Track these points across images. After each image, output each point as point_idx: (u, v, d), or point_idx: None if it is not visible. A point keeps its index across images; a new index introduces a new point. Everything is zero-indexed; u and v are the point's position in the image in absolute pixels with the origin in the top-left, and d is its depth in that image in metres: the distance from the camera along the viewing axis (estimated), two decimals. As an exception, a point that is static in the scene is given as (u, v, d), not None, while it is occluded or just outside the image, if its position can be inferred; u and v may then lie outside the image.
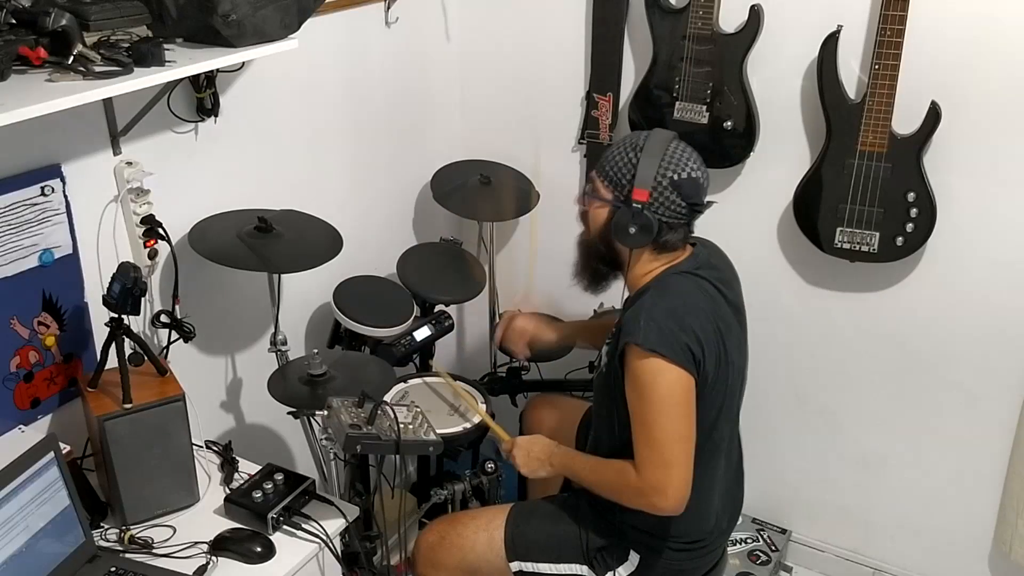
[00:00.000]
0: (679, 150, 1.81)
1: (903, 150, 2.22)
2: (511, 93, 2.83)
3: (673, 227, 1.82)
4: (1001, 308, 2.34)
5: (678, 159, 1.79)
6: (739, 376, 1.92)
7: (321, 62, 2.36)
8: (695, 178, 1.80)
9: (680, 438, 1.76)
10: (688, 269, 1.86)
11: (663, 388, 1.74)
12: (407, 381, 2.45)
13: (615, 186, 1.83)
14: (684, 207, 1.80)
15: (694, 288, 1.84)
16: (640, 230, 1.80)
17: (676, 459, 1.75)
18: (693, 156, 1.82)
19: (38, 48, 1.51)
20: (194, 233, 2.05)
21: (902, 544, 2.69)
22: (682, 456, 1.76)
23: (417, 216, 2.86)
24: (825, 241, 2.37)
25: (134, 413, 1.73)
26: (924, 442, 2.55)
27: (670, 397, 1.74)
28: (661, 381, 1.73)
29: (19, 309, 1.80)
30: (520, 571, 1.98)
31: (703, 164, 1.84)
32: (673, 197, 1.78)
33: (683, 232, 1.85)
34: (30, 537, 1.57)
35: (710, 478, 1.91)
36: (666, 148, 1.80)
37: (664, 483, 1.75)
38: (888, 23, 2.11)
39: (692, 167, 1.80)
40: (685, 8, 2.37)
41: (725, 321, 1.85)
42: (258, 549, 1.73)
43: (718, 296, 1.87)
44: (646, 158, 1.79)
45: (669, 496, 1.75)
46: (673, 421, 1.75)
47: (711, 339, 1.78)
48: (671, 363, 1.72)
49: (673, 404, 1.75)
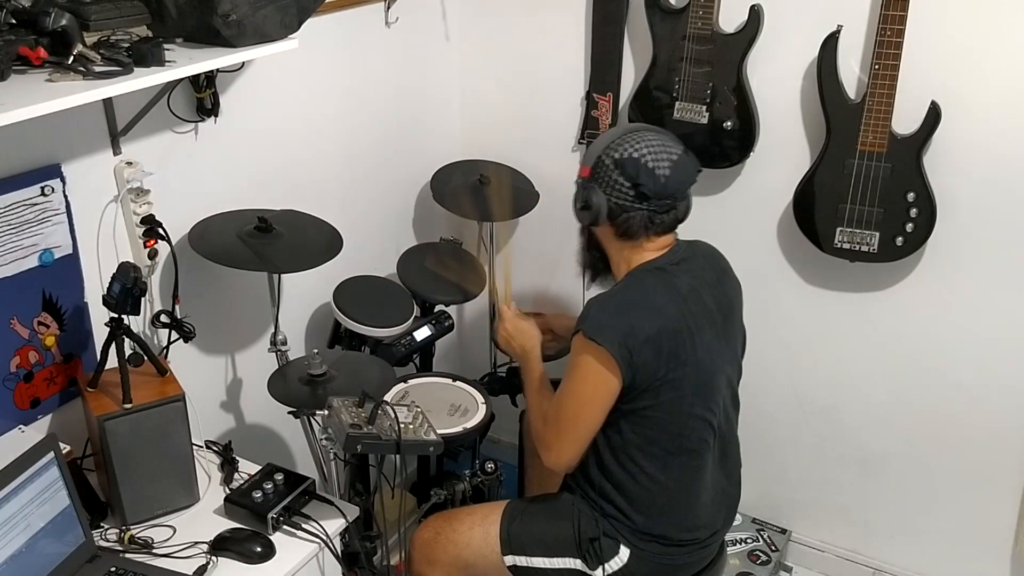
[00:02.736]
0: (636, 135, 1.80)
1: (903, 150, 2.22)
2: (511, 93, 2.83)
3: (626, 209, 1.81)
4: (1001, 308, 2.34)
5: (630, 141, 1.79)
6: (711, 377, 1.89)
7: (321, 62, 2.36)
8: (637, 158, 1.77)
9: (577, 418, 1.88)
10: (661, 265, 1.86)
11: (583, 372, 1.83)
12: (408, 381, 2.45)
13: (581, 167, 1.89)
14: (628, 187, 1.79)
15: (659, 285, 1.84)
16: (588, 206, 1.85)
17: (571, 432, 1.89)
18: (651, 142, 1.79)
19: (38, 48, 1.51)
20: (194, 233, 2.05)
21: (902, 544, 2.69)
22: (577, 432, 1.89)
23: (417, 216, 2.86)
24: (825, 241, 2.37)
25: (134, 413, 1.73)
26: (924, 442, 2.55)
27: (584, 381, 1.84)
28: (586, 367, 1.81)
29: (19, 309, 1.80)
30: (514, 565, 1.99)
31: (672, 155, 1.80)
32: (615, 175, 1.79)
33: (643, 219, 1.82)
34: (30, 537, 1.57)
35: (694, 479, 1.92)
36: (624, 132, 1.81)
37: (551, 445, 1.92)
38: (888, 23, 2.11)
39: (641, 149, 1.78)
40: (685, 8, 2.37)
41: (696, 320, 1.84)
42: (258, 549, 1.73)
43: (692, 294, 1.85)
44: (601, 138, 1.84)
45: (550, 458, 1.94)
46: (578, 403, 1.87)
47: (663, 337, 1.78)
48: (601, 350, 1.77)
49: (584, 389, 1.85)
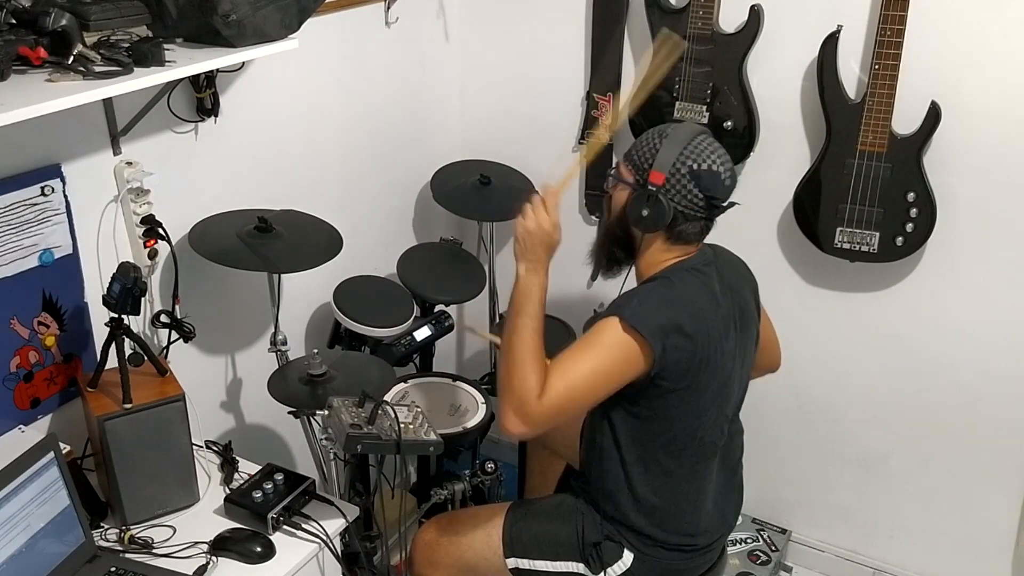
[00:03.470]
0: (705, 143, 1.79)
1: (903, 150, 2.22)
2: (511, 93, 2.83)
3: (689, 218, 1.80)
4: (1001, 308, 2.34)
5: (701, 150, 1.78)
6: (731, 382, 1.89)
7: (321, 62, 2.36)
8: (715, 171, 1.77)
9: (583, 394, 1.74)
10: (696, 266, 1.85)
11: (609, 350, 1.73)
12: (408, 381, 2.45)
13: (636, 169, 1.82)
14: (701, 198, 1.78)
15: (699, 286, 1.83)
16: (653, 214, 1.79)
17: (565, 409, 1.74)
18: (718, 151, 1.80)
19: (38, 48, 1.51)
20: (194, 233, 2.05)
21: (902, 544, 2.69)
22: (570, 408, 1.75)
23: (417, 216, 2.86)
24: (825, 241, 2.37)
25: (134, 413, 1.73)
26: (924, 442, 2.55)
27: (608, 360, 1.73)
28: (614, 346, 1.73)
29: (19, 309, 1.80)
30: (516, 568, 1.98)
31: (730, 162, 1.81)
32: (690, 186, 1.77)
33: (700, 227, 1.83)
34: (30, 537, 1.57)
35: (700, 482, 1.91)
36: (692, 138, 1.79)
37: (535, 419, 1.72)
38: (888, 23, 2.11)
39: (714, 160, 1.78)
40: (685, 8, 2.37)
41: (725, 324, 1.84)
42: (258, 549, 1.73)
43: (723, 298, 1.86)
44: (669, 144, 1.78)
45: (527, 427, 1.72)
46: (592, 376, 1.73)
47: (699, 337, 1.77)
48: (638, 341, 1.71)
49: (606, 366, 1.73)
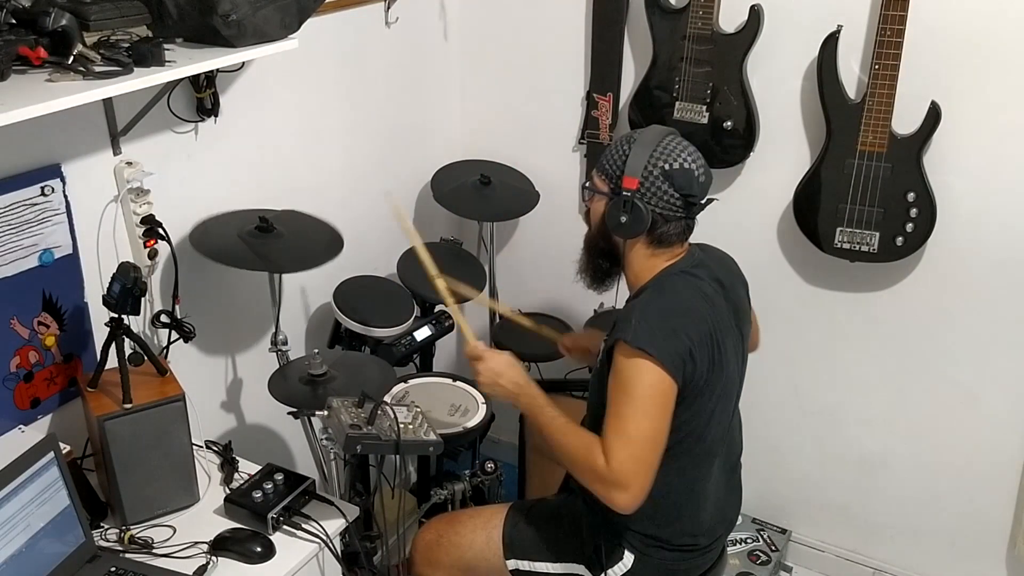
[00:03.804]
0: (674, 142, 1.80)
1: (903, 150, 2.22)
2: (511, 93, 2.83)
3: (669, 219, 1.80)
4: (1001, 308, 2.34)
5: (671, 150, 1.78)
6: (733, 380, 1.89)
7: (321, 62, 2.36)
8: (688, 169, 1.77)
9: (652, 440, 1.73)
10: (685, 268, 1.85)
11: (644, 387, 1.72)
12: (408, 381, 2.45)
13: (609, 177, 1.82)
14: (677, 198, 1.78)
15: (691, 289, 1.83)
16: (632, 219, 1.78)
17: (647, 459, 1.72)
18: (688, 149, 1.80)
19: (38, 48, 1.51)
20: (195, 233, 2.05)
21: (902, 544, 2.69)
22: (652, 458, 1.73)
23: (417, 216, 2.86)
24: (825, 241, 2.37)
25: (134, 413, 1.73)
26: (924, 442, 2.55)
27: (650, 398, 1.72)
28: (643, 380, 1.71)
29: (19, 309, 1.80)
30: (517, 570, 1.98)
31: (701, 159, 1.81)
32: (665, 187, 1.77)
33: (681, 227, 1.82)
34: (30, 537, 1.57)
35: (703, 481, 1.91)
36: (660, 139, 1.79)
37: (630, 480, 1.70)
38: (888, 23, 2.11)
39: (685, 158, 1.78)
40: (685, 8, 2.37)
41: (723, 323, 1.84)
42: (258, 549, 1.73)
43: (716, 297, 1.86)
44: (638, 148, 1.78)
45: (631, 493, 1.71)
46: (650, 421, 1.73)
47: (704, 342, 1.77)
48: (656, 364, 1.70)
49: (652, 405, 1.72)
